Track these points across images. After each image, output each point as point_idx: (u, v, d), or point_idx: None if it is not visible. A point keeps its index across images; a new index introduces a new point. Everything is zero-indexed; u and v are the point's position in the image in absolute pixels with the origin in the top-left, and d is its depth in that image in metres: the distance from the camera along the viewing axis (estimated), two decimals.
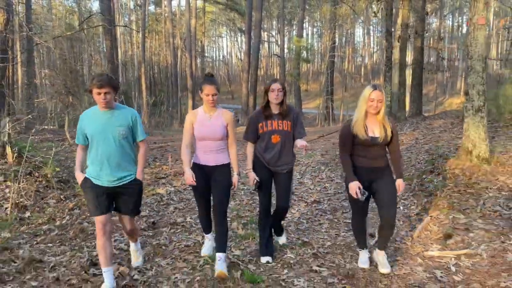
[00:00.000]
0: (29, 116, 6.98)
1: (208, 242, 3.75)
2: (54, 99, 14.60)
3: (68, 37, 17.17)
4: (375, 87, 3.08)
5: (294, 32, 36.17)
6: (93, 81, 2.93)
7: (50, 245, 4.05)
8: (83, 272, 3.40)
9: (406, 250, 3.84)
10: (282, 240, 4.04)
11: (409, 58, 19.48)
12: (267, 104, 3.53)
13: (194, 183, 3.27)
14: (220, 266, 3.25)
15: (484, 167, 5.27)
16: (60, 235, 4.29)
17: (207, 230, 3.73)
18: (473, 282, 3.06)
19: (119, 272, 3.41)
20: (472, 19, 5.35)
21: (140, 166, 3.24)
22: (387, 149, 3.31)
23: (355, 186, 3.12)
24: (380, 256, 3.38)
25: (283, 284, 3.19)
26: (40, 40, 11.36)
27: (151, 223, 4.62)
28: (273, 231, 3.88)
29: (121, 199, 3.15)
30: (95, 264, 3.59)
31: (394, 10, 13.87)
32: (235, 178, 3.45)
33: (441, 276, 3.21)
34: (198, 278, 3.27)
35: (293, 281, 3.25)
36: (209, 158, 3.38)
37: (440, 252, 3.62)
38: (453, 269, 3.31)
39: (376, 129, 3.16)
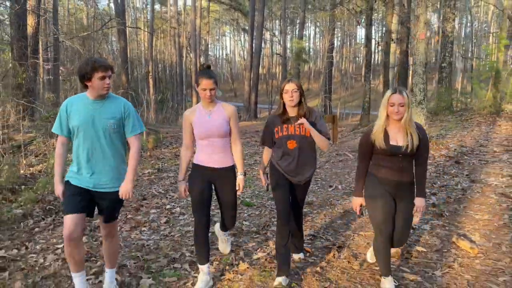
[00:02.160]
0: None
1: (203, 277, 3.13)
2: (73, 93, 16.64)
3: (83, 37, 19.16)
4: (395, 90, 2.83)
5: (297, 32, 38.23)
6: (95, 64, 2.61)
7: None
8: (142, 199, 5.47)
9: (351, 193, 5.88)
10: (299, 255, 3.64)
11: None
12: (283, 106, 3.26)
13: (185, 197, 3.08)
14: (225, 246, 3.60)
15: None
16: None
17: (203, 257, 3.12)
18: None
19: (162, 202, 5.46)
20: (416, 35, 7.36)
21: (130, 173, 2.78)
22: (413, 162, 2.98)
23: (357, 202, 2.94)
24: (386, 281, 3.08)
25: (267, 206, 5.23)
26: (68, 41, 13.41)
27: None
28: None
29: (102, 204, 2.81)
30: (144, 198, 5.64)
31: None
32: (240, 179, 3.19)
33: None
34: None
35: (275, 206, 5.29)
36: (214, 159, 3.10)
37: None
38: None
39: (400, 137, 2.86)
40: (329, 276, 3.37)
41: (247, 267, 3.52)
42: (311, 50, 53.40)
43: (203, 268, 3.12)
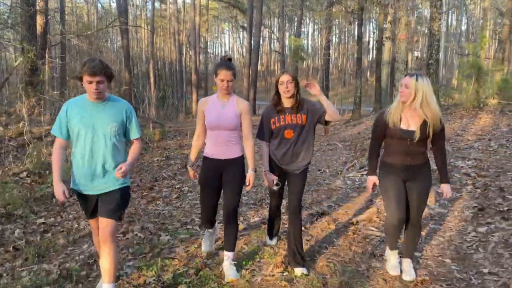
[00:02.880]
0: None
1: (209, 237, 3.62)
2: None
3: (87, 35, 19.93)
4: (408, 73, 2.94)
5: (295, 29, 39.09)
6: (84, 67, 2.58)
7: None
8: (154, 180, 6.34)
9: (336, 175, 6.76)
10: (301, 271, 3.29)
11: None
12: (278, 98, 3.36)
13: (194, 179, 3.15)
14: (232, 272, 3.18)
15: None
16: None
17: (208, 225, 3.52)
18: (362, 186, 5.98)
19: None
20: (398, 35, 8.22)
21: (130, 159, 2.83)
22: (429, 145, 3.06)
23: (371, 181, 3.07)
24: (406, 263, 3.23)
25: (262, 185, 6.10)
26: (75, 40, 14.27)
27: (184, 165, 7.54)
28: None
29: (104, 202, 2.78)
30: (156, 180, 6.50)
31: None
32: (250, 175, 3.22)
33: (349, 182, 6.12)
34: None
35: None
36: (220, 150, 3.18)
37: (354, 173, 6.54)
38: (357, 179, 6.22)
39: (413, 122, 2.91)
40: (311, 233, 4.24)
41: (246, 227, 4.40)
42: (309, 47, 54.24)
43: (209, 230, 3.67)
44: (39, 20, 14.15)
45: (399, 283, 3.19)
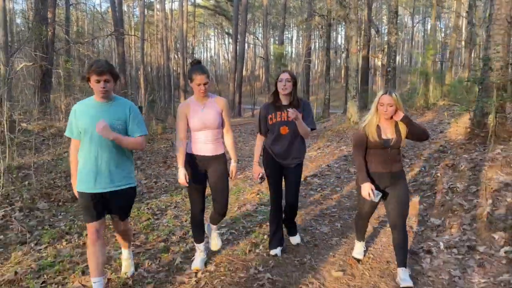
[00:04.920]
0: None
1: (200, 254, 3.65)
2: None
3: (87, 42, 22.24)
4: (385, 91, 3.17)
5: (278, 36, 41.81)
6: (92, 67, 2.74)
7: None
8: (166, 158, 8.89)
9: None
10: (295, 240, 4.05)
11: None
12: (276, 95, 3.60)
13: (186, 184, 3.31)
14: (219, 242, 3.71)
15: (354, 127, 10.84)
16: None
17: (199, 237, 3.62)
18: (325, 163, 8.62)
19: None
20: (350, 49, 10.91)
21: (125, 138, 2.87)
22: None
23: (368, 187, 3.18)
24: (401, 271, 3.28)
25: (246, 159, 8.68)
26: (82, 48, 16.71)
27: None
28: (286, 229, 4.01)
29: (113, 203, 2.95)
30: (167, 157, 9.05)
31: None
32: (233, 167, 3.51)
33: (307, 156, 8.77)
34: None
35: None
36: (206, 148, 3.37)
37: (312, 152, 9.19)
38: (313, 156, 8.87)
39: (389, 132, 3.24)
40: None
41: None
42: (293, 52, 57.20)
43: (200, 247, 3.64)
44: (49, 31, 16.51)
45: (323, 203, 5.82)
